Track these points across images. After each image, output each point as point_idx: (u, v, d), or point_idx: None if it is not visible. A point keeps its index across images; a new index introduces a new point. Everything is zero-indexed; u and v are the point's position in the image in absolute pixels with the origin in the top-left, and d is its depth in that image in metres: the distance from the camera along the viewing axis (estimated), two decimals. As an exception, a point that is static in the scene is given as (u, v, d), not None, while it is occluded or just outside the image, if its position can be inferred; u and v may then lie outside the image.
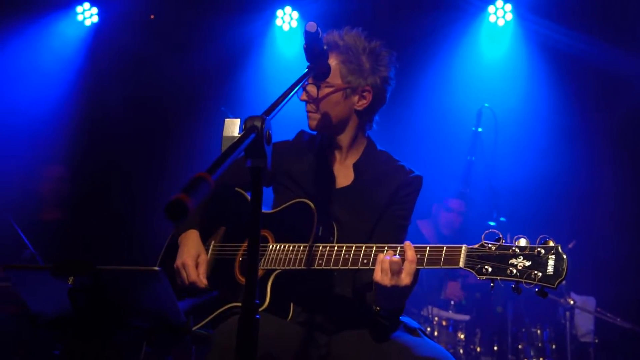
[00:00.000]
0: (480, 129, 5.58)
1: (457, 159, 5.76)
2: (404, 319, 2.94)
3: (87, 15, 6.95)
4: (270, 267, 2.80)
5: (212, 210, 3.15)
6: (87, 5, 6.95)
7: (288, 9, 6.92)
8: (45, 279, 2.21)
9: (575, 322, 5.55)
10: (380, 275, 2.55)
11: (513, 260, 2.40)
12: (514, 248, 2.41)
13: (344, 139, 3.02)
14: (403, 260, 2.54)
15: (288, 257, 2.78)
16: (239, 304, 2.83)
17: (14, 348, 4.63)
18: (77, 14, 6.97)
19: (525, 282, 2.37)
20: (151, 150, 6.56)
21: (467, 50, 6.52)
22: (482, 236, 2.48)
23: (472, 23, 6.62)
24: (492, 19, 6.58)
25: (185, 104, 6.65)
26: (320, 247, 2.72)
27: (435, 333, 5.61)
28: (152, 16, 6.77)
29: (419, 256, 2.54)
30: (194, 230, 3.08)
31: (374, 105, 2.99)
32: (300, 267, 2.73)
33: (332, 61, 2.89)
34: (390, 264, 2.52)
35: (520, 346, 5.66)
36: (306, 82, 2.96)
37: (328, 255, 2.70)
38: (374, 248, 2.64)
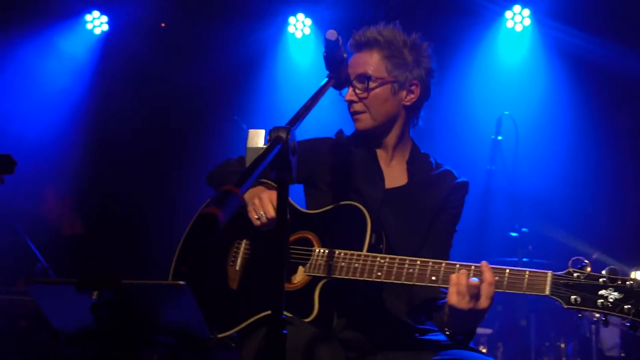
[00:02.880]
0: (500, 137, 5.45)
1: (476, 168, 5.63)
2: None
3: (97, 23, 6.87)
4: (317, 274, 2.62)
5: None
6: (96, 13, 6.87)
7: (301, 15, 6.83)
8: (68, 293, 2.09)
9: (600, 336, 5.39)
10: (457, 299, 2.40)
11: (603, 292, 2.31)
12: (603, 278, 2.31)
13: (391, 137, 2.90)
14: (482, 282, 2.39)
15: (339, 265, 2.59)
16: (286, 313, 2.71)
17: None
18: (86, 22, 6.89)
19: (618, 316, 2.28)
20: (163, 159, 6.47)
21: (484, 56, 6.40)
22: (569, 263, 2.36)
23: (489, 29, 6.51)
24: (509, 24, 6.47)
25: (198, 113, 6.56)
26: (379, 258, 2.55)
27: (456, 347, 5.47)
28: (162, 24, 6.68)
29: (497, 278, 2.40)
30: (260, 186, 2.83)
31: (421, 100, 2.90)
32: (354, 277, 2.55)
33: (375, 57, 2.81)
34: (469, 287, 2.38)
35: (544, 360, 5.52)
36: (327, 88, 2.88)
37: (388, 267, 2.53)
38: (443, 265, 2.48)
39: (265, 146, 2.06)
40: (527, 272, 2.39)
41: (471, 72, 6.33)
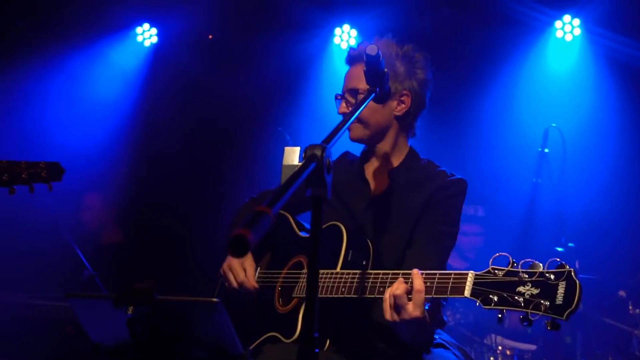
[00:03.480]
0: (546, 150, 5.35)
1: (522, 181, 5.54)
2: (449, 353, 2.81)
3: (147, 35, 7.02)
4: (302, 296, 2.73)
5: None
6: (147, 26, 7.01)
7: (346, 27, 6.84)
8: (106, 307, 2.14)
9: (650, 354, 5.24)
10: (389, 313, 2.41)
11: (521, 288, 2.17)
12: (522, 274, 2.17)
13: (384, 146, 2.95)
14: (411, 289, 2.38)
15: (321, 284, 2.65)
16: (276, 334, 2.80)
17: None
18: (137, 34, 7.04)
19: (531, 313, 2.12)
20: (209, 171, 6.56)
21: (533, 67, 6.30)
22: (490, 261, 2.27)
23: (538, 39, 6.40)
24: (559, 34, 6.34)
25: (243, 124, 6.63)
26: (344, 274, 2.62)
27: (499, 363, 5.38)
28: (210, 36, 6.78)
29: (427, 284, 2.38)
30: None
31: (414, 110, 2.94)
32: (326, 295, 2.62)
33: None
34: (395, 298, 2.38)
35: (592, 378, 5.37)
36: (341, 96, 2.98)
37: (350, 282, 2.59)
38: (390, 275, 2.50)
39: (300, 164, 2.11)
40: (452, 274, 2.35)
41: (519, 83, 6.23)
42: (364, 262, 2.70)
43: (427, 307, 2.46)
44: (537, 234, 5.60)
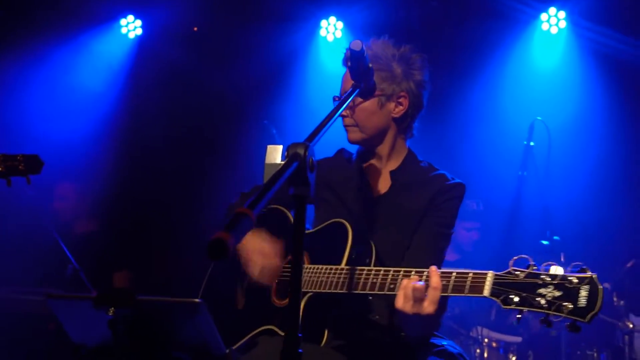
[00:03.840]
0: (532, 143, 5.35)
1: (508, 174, 5.54)
2: (446, 341, 2.84)
3: (131, 27, 6.95)
4: (303, 290, 2.69)
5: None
6: (131, 17, 6.94)
7: (332, 19, 6.82)
8: (87, 308, 2.12)
9: (634, 346, 5.26)
10: (402, 302, 2.42)
11: (542, 290, 2.20)
12: (543, 276, 2.20)
13: (383, 148, 2.95)
14: (427, 286, 2.39)
15: (320, 279, 2.68)
16: (272, 327, 2.79)
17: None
18: (121, 26, 6.97)
19: (553, 314, 2.16)
20: (194, 164, 6.51)
21: (518, 60, 6.30)
22: (510, 262, 2.29)
23: (523, 32, 6.41)
24: (544, 27, 6.35)
25: (228, 116, 6.59)
26: (351, 270, 2.62)
27: (485, 355, 5.40)
28: (195, 28, 6.73)
29: (444, 282, 2.39)
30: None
31: (412, 111, 2.93)
32: (331, 291, 2.63)
33: None
34: (413, 290, 2.38)
35: (574, 369, 5.40)
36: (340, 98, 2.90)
37: (356, 278, 2.59)
38: (401, 272, 2.51)
39: (282, 162, 2.09)
40: (470, 274, 2.36)
41: (504, 76, 6.23)
42: (367, 261, 2.70)
43: None
44: (524, 226, 5.61)
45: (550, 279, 2.19)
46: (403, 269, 2.52)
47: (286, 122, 6.15)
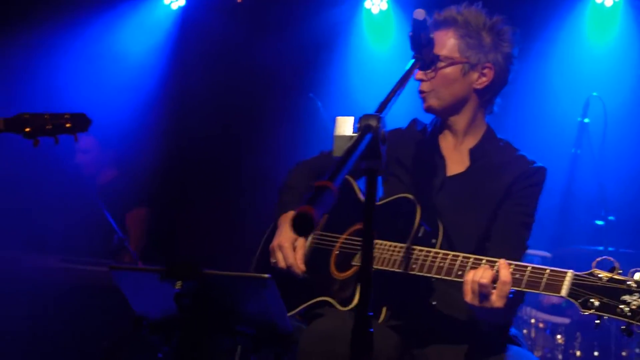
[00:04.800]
0: (587, 120, 5.19)
1: (560, 152, 5.38)
2: None
3: (174, -2, 6.85)
4: None
5: None
6: (174, -12, 6.85)
7: (378, -10, 6.67)
8: (151, 280, 2.08)
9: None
10: (470, 297, 2.37)
11: (626, 297, 2.12)
12: (629, 282, 2.11)
13: (460, 121, 2.84)
14: (496, 279, 2.32)
15: (383, 256, 2.62)
16: (330, 299, 2.75)
17: (118, 349, 4.64)
18: (163, -3, 6.89)
19: (637, 325, 2.09)
20: (238, 137, 6.46)
21: (571, 34, 6.07)
22: (593, 264, 2.22)
23: (576, 4, 6.18)
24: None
25: (273, 90, 6.49)
26: (416, 250, 2.55)
27: (532, 335, 5.30)
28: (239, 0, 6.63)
29: (517, 276, 2.32)
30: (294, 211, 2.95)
31: (495, 85, 2.82)
32: (394, 269, 2.58)
33: (450, 37, 2.76)
34: (480, 286, 2.32)
35: (624, 353, 5.27)
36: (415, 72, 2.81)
37: (423, 260, 2.53)
38: (471, 260, 2.44)
39: (354, 134, 2.01)
40: (548, 271, 2.28)
41: (556, 50, 6.02)
42: (432, 241, 2.62)
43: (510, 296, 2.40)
44: (576, 206, 5.46)
45: (636, 286, 2.11)
46: (473, 257, 2.45)
47: (330, 96, 6.04)
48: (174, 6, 6.86)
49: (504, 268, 2.33)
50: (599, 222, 4.97)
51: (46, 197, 5.56)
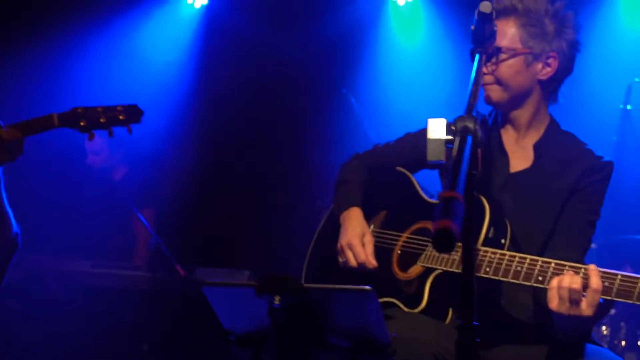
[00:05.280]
0: (629, 107, 5.09)
1: (602, 140, 5.28)
2: None
3: (196, -3, 6.74)
4: (430, 265, 2.61)
5: (370, 191, 2.98)
6: (195, -14, 6.74)
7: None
8: (245, 295, 2.00)
9: None
10: (557, 304, 2.27)
11: None
12: None
13: (523, 114, 2.74)
14: (585, 286, 2.22)
15: (453, 257, 2.53)
16: (395, 301, 2.68)
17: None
18: (186, -4, 6.79)
19: None
20: (271, 136, 6.37)
21: (606, 18, 5.94)
22: None
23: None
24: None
25: (305, 87, 6.40)
26: (489, 253, 2.46)
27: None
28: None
29: (606, 284, 2.22)
30: (357, 207, 2.90)
31: (560, 74, 2.73)
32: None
33: (511, 26, 2.65)
34: (570, 292, 2.22)
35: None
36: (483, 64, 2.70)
37: (497, 263, 2.43)
38: (552, 265, 2.34)
39: (448, 137, 1.96)
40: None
41: (593, 37, 5.90)
42: (502, 241, 2.53)
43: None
44: (622, 194, 5.36)
45: None
46: (554, 261, 2.36)
47: (364, 90, 5.96)
48: (197, 5, 6.77)
49: (595, 275, 2.24)
50: (647, 211, 4.88)
51: (74, 201, 5.50)
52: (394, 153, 2.99)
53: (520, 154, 2.77)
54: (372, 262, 2.75)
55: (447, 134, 2.01)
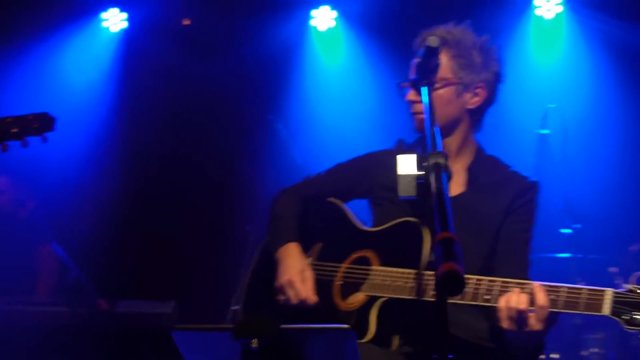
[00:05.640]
0: (546, 131, 5.32)
1: (520, 164, 5.50)
2: None
3: (115, 21, 6.58)
4: (374, 294, 2.60)
5: (305, 223, 2.95)
6: (115, 10, 6.59)
7: (325, 8, 6.65)
8: (217, 339, 1.94)
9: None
10: (508, 323, 2.33)
11: None
12: None
13: (453, 142, 2.80)
14: (533, 302, 2.31)
15: (396, 283, 2.56)
16: None
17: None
18: (102, 20, 6.61)
19: None
20: (196, 162, 6.25)
21: (519, 48, 6.25)
22: (633, 279, 2.24)
23: (519, 18, 6.36)
24: (539, 12, 6.33)
25: (229, 113, 6.34)
26: (432, 276, 2.49)
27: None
28: (185, 22, 6.44)
29: (552, 297, 2.31)
30: (293, 243, 2.87)
31: (486, 104, 2.82)
32: (410, 297, 2.51)
33: (443, 57, 2.68)
34: (518, 312, 2.30)
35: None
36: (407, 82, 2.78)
37: None
38: (499, 283, 2.41)
39: (420, 173, 2.02)
40: (585, 291, 2.29)
41: (509, 66, 6.15)
42: None
43: None
44: (542, 216, 5.58)
45: None
46: (501, 280, 2.42)
47: (290, 115, 5.98)
48: (115, 29, 6.61)
49: (540, 291, 2.31)
50: (566, 231, 5.10)
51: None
52: (326, 184, 3.00)
53: (453, 180, 2.81)
54: (313, 298, 2.71)
55: (418, 169, 2.05)
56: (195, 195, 6.12)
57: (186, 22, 6.44)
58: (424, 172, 1.96)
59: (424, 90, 2.40)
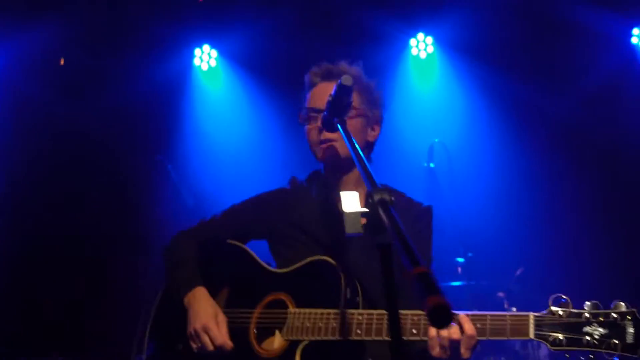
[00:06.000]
0: (432, 165, 5.53)
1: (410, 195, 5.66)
2: None
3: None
4: (295, 338, 2.54)
5: (206, 268, 2.86)
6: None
7: (206, 47, 6.64)
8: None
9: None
10: (439, 352, 2.37)
11: (587, 329, 2.27)
12: (586, 314, 2.27)
13: (354, 173, 2.84)
14: (461, 333, 2.36)
15: (317, 325, 2.52)
16: None
17: None
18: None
19: (605, 352, 2.23)
20: (84, 210, 5.90)
21: (401, 85, 6.50)
22: (550, 301, 2.33)
23: (399, 55, 6.61)
24: (414, 51, 6.62)
25: (115, 156, 6.05)
26: (356, 315, 2.49)
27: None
28: (62, 61, 6.12)
29: (479, 326, 2.36)
30: (200, 287, 2.78)
31: (377, 138, 2.95)
32: (334, 338, 2.48)
33: (354, 89, 2.66)
34: (451, 341, 2.34)
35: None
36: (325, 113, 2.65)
37: (367, 323, 2.46)
38: (423, 317, 2.43)
39: (364, 210, 2.00)
40: (508, 317, 2.37)
41: (396, 103, 6.34)
42: (357, 299, 2.54)
43: None
44: (438, 245, 5.74)
45: (592, 317, 2.25)
46: (423, 314, 2.41)
47: (180, 155, 5.84)
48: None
49: (467, 322, 2.35)
50: (460, 259, 5.28)
51: None
52: (223, 227, 2.94)
53: None
54: (229, 344, 2.63)
55: (364, 206, 2.04)
56: (84, 244, 5.80)
57: (62, 61, 6.10)
58: (368, 210, 1.94)
59: (339, 127, 2.43)
